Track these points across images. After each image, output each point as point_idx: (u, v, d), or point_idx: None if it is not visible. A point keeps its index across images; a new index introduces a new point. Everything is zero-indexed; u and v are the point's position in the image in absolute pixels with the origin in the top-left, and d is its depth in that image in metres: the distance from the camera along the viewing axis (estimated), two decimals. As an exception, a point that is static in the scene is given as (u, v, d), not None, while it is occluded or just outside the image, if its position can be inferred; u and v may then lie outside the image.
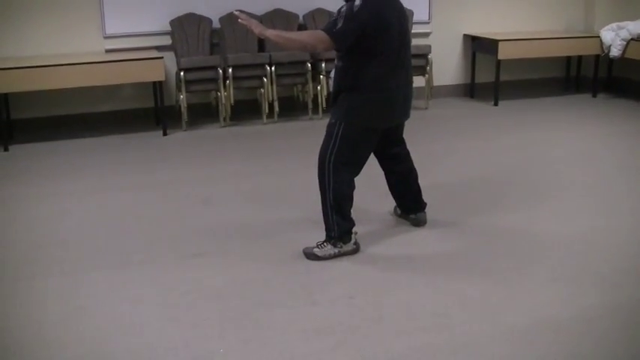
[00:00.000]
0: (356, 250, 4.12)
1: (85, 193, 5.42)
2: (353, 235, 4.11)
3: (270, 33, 3.95)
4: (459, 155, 6.28)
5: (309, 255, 4.06)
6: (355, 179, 4.12)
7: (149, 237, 4.48)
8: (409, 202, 4.55)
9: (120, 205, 5.14)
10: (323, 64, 7.52)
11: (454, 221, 4.65)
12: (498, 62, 8.24)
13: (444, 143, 6.71)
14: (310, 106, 7.70)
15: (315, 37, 3.95)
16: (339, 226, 4.06)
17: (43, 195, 5.39)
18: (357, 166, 4.11)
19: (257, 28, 3.91)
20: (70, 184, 5.66)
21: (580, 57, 9.00)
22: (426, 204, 4.55)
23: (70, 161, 6.31)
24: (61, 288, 3.80)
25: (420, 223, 4.52)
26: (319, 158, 4.05)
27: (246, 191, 5.35)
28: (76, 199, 5.28)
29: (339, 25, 3.82)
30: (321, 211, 4.10)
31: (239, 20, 3.94)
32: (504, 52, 8.17)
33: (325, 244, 4.08)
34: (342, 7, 3.89)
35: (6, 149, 6.70)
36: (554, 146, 6.52)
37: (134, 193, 5.39)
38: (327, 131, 4.06)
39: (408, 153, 4.44)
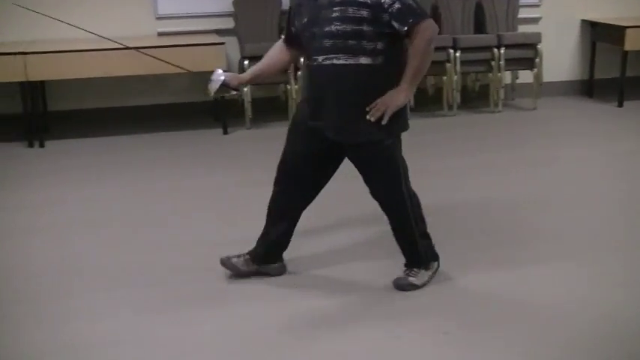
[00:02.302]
0: (439, 266, 4.11)
1: (130, 197, 5.51)
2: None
3: (406, 89, 3.72)
4: (566, 166, 6.15)
5: (406, 287, 3.98)
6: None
7: (206, 261, 4.45)
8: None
9: (168, 212, 5.19)
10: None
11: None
12: (625, 54, 8.07)
13: (549, 150, 6.61)
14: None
15: (427, 36, 3.65)
16: (429, 248, 4.07)
17: (82, 199, 5.48)
18: None
19: (396, 102, 3.69)
20: (114, 186, 5.75)
21: None
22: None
23: (115, 161, 6.43)
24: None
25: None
26: (393, 195, 3.88)
27: (326, 201, 5.25)
28: (120, 205, 5.36)
29: (406, 1, 3.59)
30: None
31: (383, 122, 3.70)
32: (632, 42, 7.96)
33: (417, 270, 4.02)
34: None
35: (42, 145, 6.87)
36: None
37: (188, 200, 5.43)
38: (383, 157, 3.83)
39: None
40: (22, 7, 4.69)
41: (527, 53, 7.98)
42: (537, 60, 7.98)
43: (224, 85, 3.99)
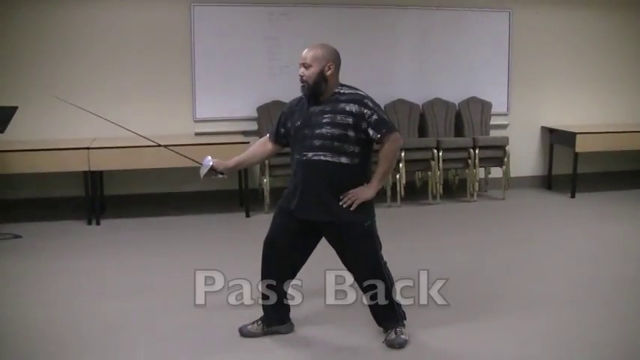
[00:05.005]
0: None
1: (169, 268, 5.55)
2: None
3: (375, 186, 3.89)
4: (528, 245, 6.20)
5: (403, 344, 3.98)
6: None
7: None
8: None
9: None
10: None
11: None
12: (576, 155, 8.14)
13: (516, 233, 6.67)
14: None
15: (395, 146, 3.86)
16: (401, 308, 4.10)
17: (129, 267, 5.56)
18: None
19: (365, 195, 3.85)
20: (156, 259, 5.81)
21: (661, 151, 8.82)
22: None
23: (158, 238, 6.50)
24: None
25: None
26: (371, 266, 3.95)
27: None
28: (159, 274, 5.41)
29: (382, 115, 3.83)
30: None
31: (351, 209, 3.84)
32: (582, 145, 8.07)
33: (401, 328, 4.04)
34: (357, 108, 3.80)
35: (98, 223, 6.95)
36: (633, 240, 6.36)
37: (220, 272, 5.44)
38: (364, 235, 3.92)
39: None
40: (86, 110, 4.85)
41: (497, 153, 8.07)
42: (505, 159, 8.06)
43: (212, 170, 4.09)
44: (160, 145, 4.60)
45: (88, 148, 6.83)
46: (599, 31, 8.83)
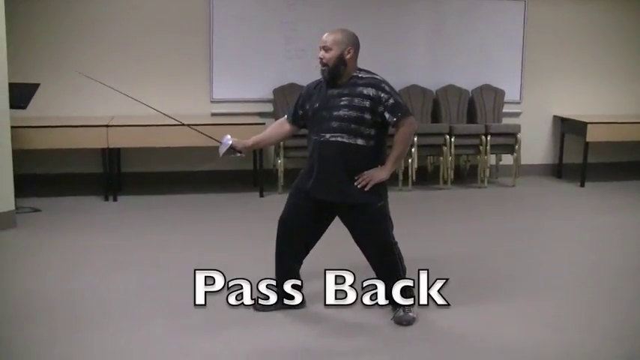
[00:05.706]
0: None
1: (182, 245, 5.65)
2: None
3: (389, 168, 3.98)
4: (537, 232, 6.28)
5: (411, 321, 4.07)
6: None
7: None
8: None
9: (212, 257, 5.26)
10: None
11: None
12: (586, 144, 8.18)
13: (525, 220, 6.73)
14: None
15: (410, 130, 3.94)
16: (410, 288, 4.10)
17: (144, 244, 5.66)
18: None
19: (379, 177, 3.94)
20: (171, 236, 5.91)
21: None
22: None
23: (173, 215, 6.61)
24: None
25: None
26: (383, 246, 4.04)
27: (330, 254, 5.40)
28: (173, 250, 5.50)
29: (398, 99, 3.90)
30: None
31: (365, 189, 3.93)
32: (593, 135, 8.11)
33: (409, 306, 4.11)
34: (374, 92, 3.89)
35: (115, 199, 7.08)
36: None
37: (231, 248, 5.59)
38: (377, 216, 4.01)
39: None
40: (114, 89, 4.89)
41: (508, 140, 8.13)
42: (517, 146, 8.12)
43: (231, 148, 4.20)
44: (183, 124, 4.68)
45: (107, 126, 6.94)
46: (612, 22, 8.85)
